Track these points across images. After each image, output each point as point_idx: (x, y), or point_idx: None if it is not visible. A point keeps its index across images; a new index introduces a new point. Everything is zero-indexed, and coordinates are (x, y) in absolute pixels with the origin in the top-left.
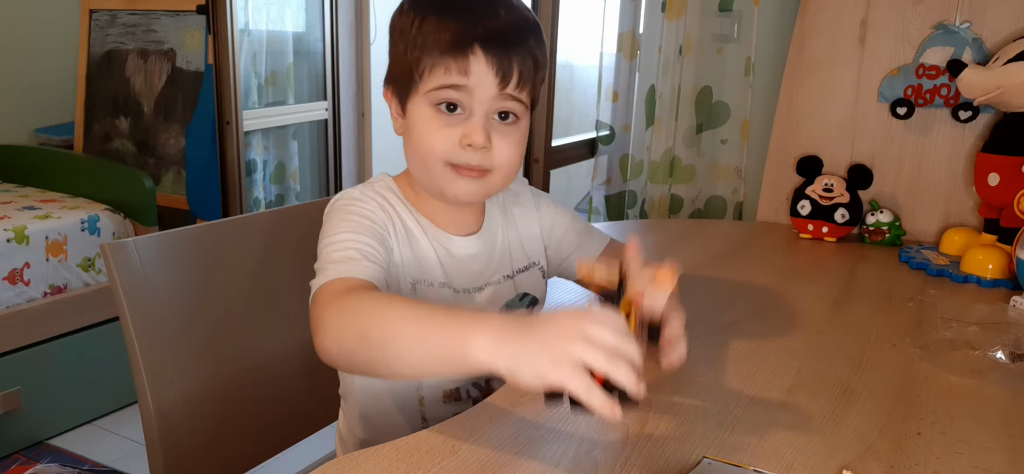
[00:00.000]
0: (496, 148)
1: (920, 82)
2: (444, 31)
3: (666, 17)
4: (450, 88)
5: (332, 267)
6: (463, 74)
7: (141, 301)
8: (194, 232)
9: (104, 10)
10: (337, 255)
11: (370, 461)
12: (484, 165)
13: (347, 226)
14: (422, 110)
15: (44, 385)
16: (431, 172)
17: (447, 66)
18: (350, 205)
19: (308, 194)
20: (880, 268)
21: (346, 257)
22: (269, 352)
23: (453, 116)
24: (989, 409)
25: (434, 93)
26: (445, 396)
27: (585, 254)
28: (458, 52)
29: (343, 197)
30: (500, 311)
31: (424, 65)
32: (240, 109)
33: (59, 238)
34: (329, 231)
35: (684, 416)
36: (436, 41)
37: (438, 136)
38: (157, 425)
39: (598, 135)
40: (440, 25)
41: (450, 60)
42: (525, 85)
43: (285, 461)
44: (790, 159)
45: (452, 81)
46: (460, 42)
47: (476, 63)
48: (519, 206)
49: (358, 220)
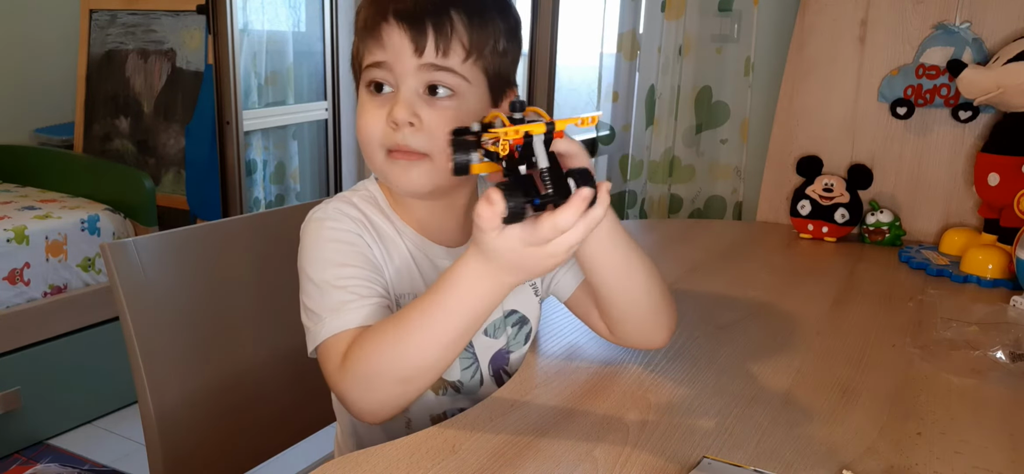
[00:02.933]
0: (428, 125)
1: (920, 82)
2: (364, 10)
3: (666, 17)
4: (373, 67)
5: (330, 319)
6: (380, 49)
7: (141, 301)
8: (194, 232)
9: (104, 10)
10: (330, 303)
11: (370, 461)
12: (417, 147)
13: (331, 259)
14: (361, 98)
15: (44, 385)
16: (373, 161)
17: (368, 45)
18: (324, 230)
19: (308, 194)
20: (880, 268)
21: (340, 303)
22: (269, 352)
23: (382, 96)
24: (989, 409)
25: (364, 74)
26: (433, 419)
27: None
28: (374, 27)
29: (317, 217)
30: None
31: (361, 51)
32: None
33: (59, 238)
34: (312, 267)
35: (684, 416)
36: (361, 23)
37: (370, 119)
38: (157, 425)
39: (598, 135)
40: (364, 7)
41: (369, 38)
42: (452, 52)
43: (285, 461)
44: (790, 159)
45: (373, 58)
46: (375, 17)
47: (389, 35)
48: None
49: (339, 248)
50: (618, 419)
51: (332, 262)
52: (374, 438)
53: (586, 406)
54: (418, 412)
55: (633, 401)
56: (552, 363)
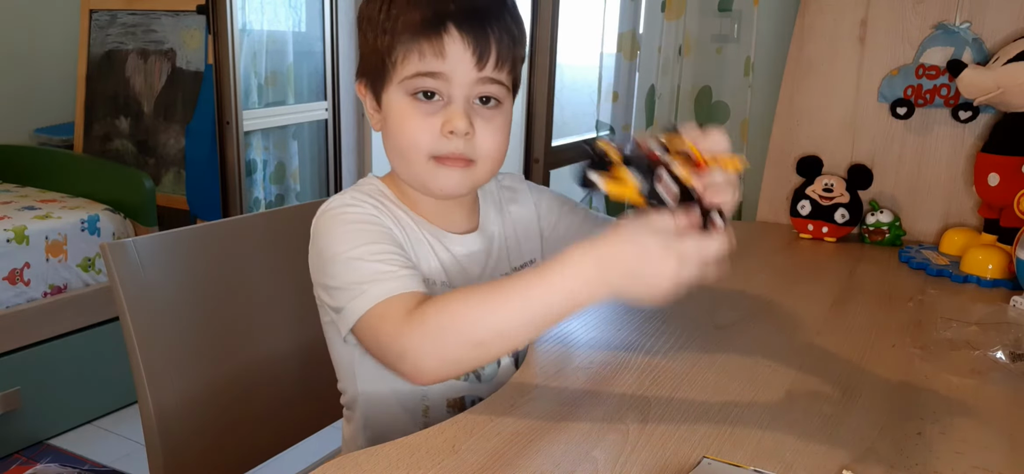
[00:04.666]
0: (479, 135)
1: (920, 82)
2: (414, 11)
3: (666, 17)
4: (426, 76)
5: (372, 287)
6: (439, 57)
7: (141, 301)
8: (194, 232)
9: (104, 10)
10: (368, 272)
11: (370, 461)
12: (468, 154)
13: (360, 239)
14: (398, 101)
15: (44, 385)
16: (413, 166)
17: (421, 50)
18: (346, 214)
19: (308, 194)
20: (880, 268)
21: (382, 273)
22: (269, 352)
23: (431, 104)
24: (989, 409)
25: (409, 82)
26: (449, 403)
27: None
28: (431, 32)
29: (335, 207)
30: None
31: (396, 52)
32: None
33: (59, 238)
34: (340, 247)
35: (684, 416)
36: (407, 24)
37: (418, 127)
38: (157, 425)
39: (598, 135)
40: (410, 5)
41: (424, 43)
42: (505, 64)
43: (285, 461)
44: (790, 159)
45: (428, 67)
46: (433, 21)
47: (451, 43)
48: (516, 203)
49: (367, 229)
50: (618, 419)
51: (362, 241)
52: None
53: (586, 406)
54: (437, 396)
55: (633, 401)
56: (552, 364)
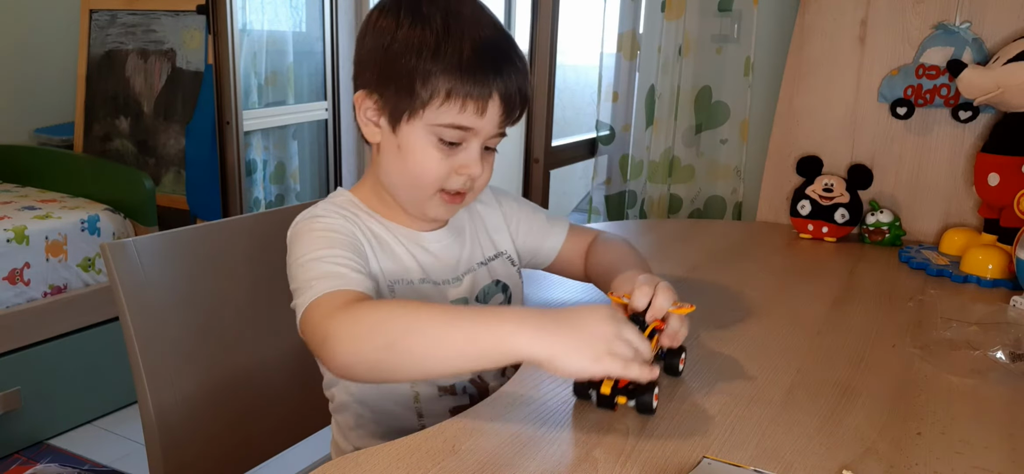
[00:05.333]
0: (482, 175)
1: (920, 82)
2: (468, 67)
3: (666, 17)
4: (460, 129)
5: (319, 282)
6: (477, 116)
7: (141, 301)
8: (194, 232)
9: (104, 10)
10: (320, 271)
11: (370, 461)
12: (467, 189)
13: (321, 244)
14: (422, 138)
15: (44, 385)
16: (417, 194)
17: (464, 104)
18: (315, 224)
19: (308, 194)
20: (880, 268)
21: (332, 272)
22: (269, 352)
23: (452, 148)
24: (989, 409)
25: (441, 128)
26: (441, 391)
27: (551, 244)
28: (479, 95)
29: (305, 217)
30: (477, 298)
31: (437, 91)
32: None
33: (59, 238)
34: (302, 252)
35: (684, 416)
36: (459, 75)
37: (437, 166)
38: (157, 425)
39: (598, 135)
40: (464, 58)
41: (468, 100)
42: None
43: (285, 461)
44: (790, 159)
45: (465, 123)
46: (483, 86)
47: (492, 107)
48: (481, 203)
49: (330, 236)
50: (618, 419)
51: (322, 246)
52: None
53: (586, 406)
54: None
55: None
56: None
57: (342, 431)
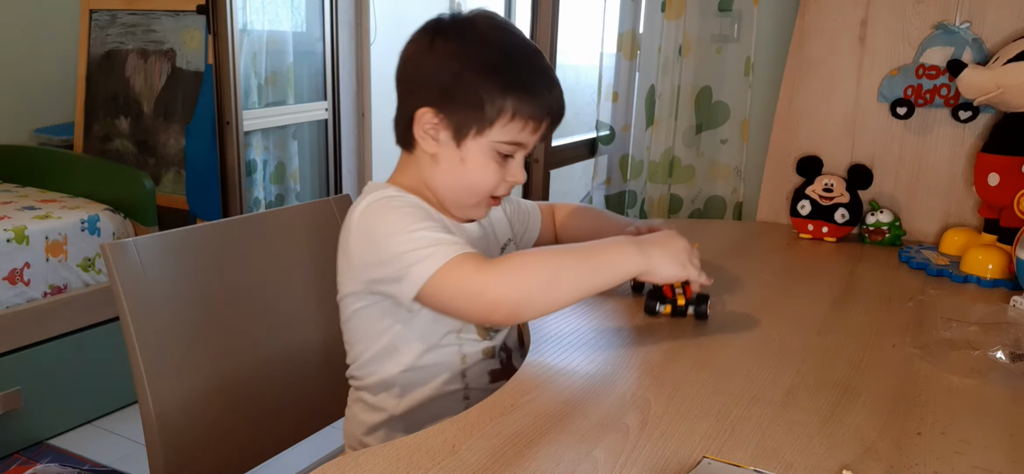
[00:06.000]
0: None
1: (920, 82)
2: (530, 91)
3: (666, 17)
4: (518, 146)
5: (439, 249)
6: (534, 135)
7: (141, 301)
8: (194, 232)
9: (104, 10)
10: (432, 238)
11: (370, 461)
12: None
13: (415, 216)
14: (485, 151)
15: (44, 385)
16: (469, 200)
17: (525, 124)
18: (396, 202)
19: (308, 194)
20: (880, 268)
21: (445, 239)
22: (269, 352)
23: (506, 160)
24: (989, 409)
25: (504, 145)
26: (484, 353)
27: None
28: (538, 115)
29: (379, 198)
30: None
31: (504, 111)
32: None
33: (59, 238)
34: (398, 224)
35: (684, 416)
36: (522, 97)
37: (494, 177)
38: (157, 425)
39: (598, 135)
40: (527, 84)
41: (530, 121)
42: None
43: (285, 461)
44: (790, 159)
45: (523, 141)
46: (541, 108)
47: (544, 126)
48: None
49: (418, 211)
50: (618, 419)
51: (418, 218)
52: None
53: (586, 406)
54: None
55: (633, 401)
56: (552, 364)
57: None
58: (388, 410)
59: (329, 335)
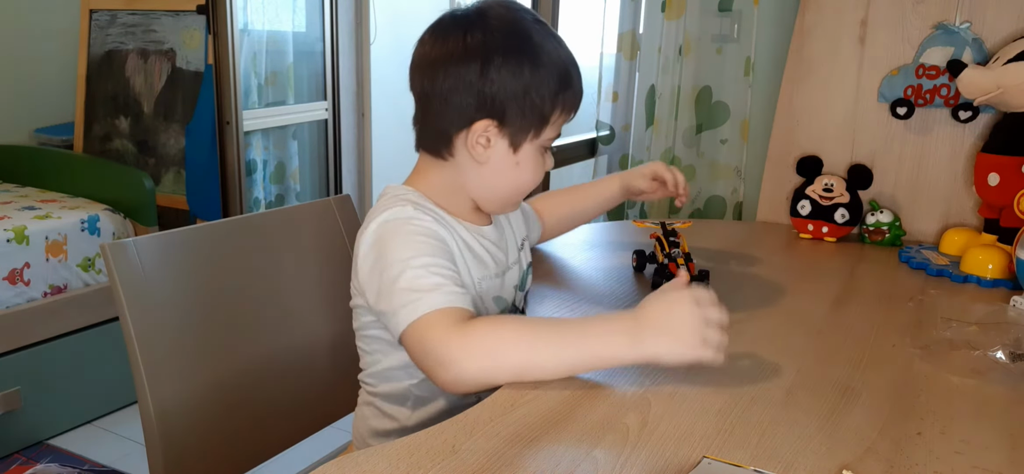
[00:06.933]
0: None
1: (920, 82)
2: (575, 92)
3: (666, 17)
4: (555, 137)
5: (428, 296)
6: (565, 123)
7: (141, 301)
8: (194, 232)
9: (104, 10)
10: (424, 282)
11: (370, 461)
12: None
13: (422, 249)
14: (537, 151)
15: (44, 385)
16: (515, 199)
17: (565, 119)
18: (411, 227)
19: (308, 194)
20: (880, 268)
21: (440, 285)
22: (269, 352)
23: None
24: (989, 409)
25: (550, 139)
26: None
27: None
28: (573, 111)
29: (395, 218)
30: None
31: (555, 115)
32: (240, 109)
33: (59, 238)
34: (399, 254)
35: (684, 416)
36: (571, 100)
37: (541, 172)
38: (157, 425)
39: (598, 135)
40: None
41: (566, 115)
42: None
43: (285, 461)
44: (790, 159)
45: (557, 132)
46: (575, 104)
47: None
48: None
49: (430, 243)
50: (618, 419)
51: (424, 252)
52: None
53: (586, 406)
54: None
55: (633, 401)
56: None
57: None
58: (400, 420)
59: (330, 335)
